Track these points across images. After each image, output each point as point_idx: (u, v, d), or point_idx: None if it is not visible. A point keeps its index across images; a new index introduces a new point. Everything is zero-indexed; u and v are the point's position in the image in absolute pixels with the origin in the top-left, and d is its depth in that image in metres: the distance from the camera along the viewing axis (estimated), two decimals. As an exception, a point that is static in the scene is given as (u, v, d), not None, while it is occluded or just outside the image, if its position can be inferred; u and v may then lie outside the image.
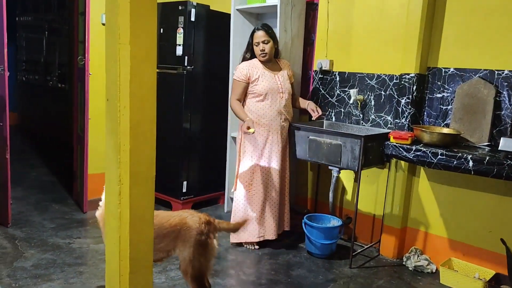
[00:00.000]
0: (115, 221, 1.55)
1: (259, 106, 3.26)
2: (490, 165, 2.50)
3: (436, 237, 3.25)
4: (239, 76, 3.24)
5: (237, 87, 3.28)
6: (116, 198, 1.53)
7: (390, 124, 3.39)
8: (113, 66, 1.47)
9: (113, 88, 1.49)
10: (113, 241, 1.57)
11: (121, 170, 1.50)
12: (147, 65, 1.51)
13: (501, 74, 2.89)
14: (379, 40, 3.41)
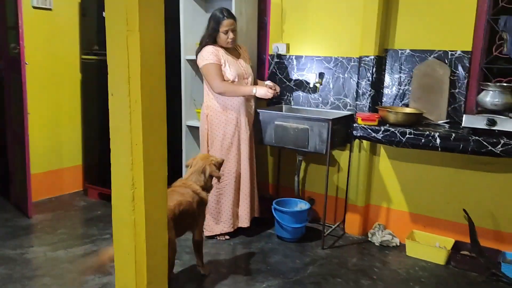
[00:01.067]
0: (129, 229, 1.40)
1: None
2: (456, 141, 2.66)
3: (397, 212, 3.42)
4: (212, 58, 3.08)
5: (216, 70, 3.08)
6: (129, 204, 1.38)
7: (350, 106, 3.46)
8: (120, 56, 1.30)
9: (120, 81, 1.32)
10: (127, 251, 1.43)
11: (134, 172, 1.36)
12: (157, 54, 1.36)
13: (454, 54, 3.06)
14: (336, 24, 3.44)
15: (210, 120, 3.16)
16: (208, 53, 3.08)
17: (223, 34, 3.11)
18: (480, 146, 2.59)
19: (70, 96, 4.16)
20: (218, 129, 3.17)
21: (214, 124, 3.17)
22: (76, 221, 3.65)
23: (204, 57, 3.08)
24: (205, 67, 3.07)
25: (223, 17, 3.09)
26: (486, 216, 3.06)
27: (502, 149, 2.53)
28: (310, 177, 3.78)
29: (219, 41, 3.13)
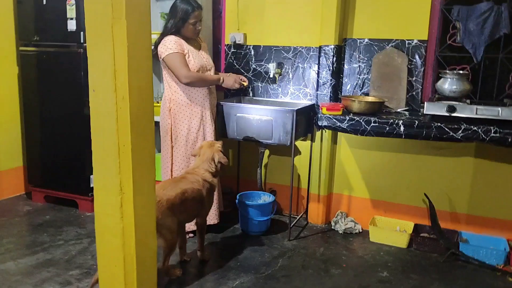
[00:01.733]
0: (117, 239, 1.27)
1: None
2: (419, 128, 2.73)
3: (359, 199, 3.48)
4: (176, 48, 2.90)
5: (181, 59, 2.91)
6: (116, 212, 1.25)
7: (310, 96, 3.45)
8: (104, 47, 1.16)
9: (104, 76, 1.18)
10: (115, 262, 1.29)
11: (122, 176, 1.22)
12: (144, 44, 1.23)
13: (411, 43, 3.14)
14: (294, 13, 3.40)
15: (173, 114, 3.00)
16: (171, 42, 2.91)
17: (191, 25, 2.96)
18: (442, 133, 2.68)
19: (6, 92, 3.80)
20: (182, 123, 3.02)
21: (178, 118, 3.01)
22: (22, 228, 3.34)
23: (167, 46, 2.90)
24: (169, 56, 2.89)
25: (193, 8, 2.94)
26: (443, 199, 3.19)
27: (462, 135, 2.64)
28: (271, 169, 3.75)
29: (184, 32, 2.97)
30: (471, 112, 2.67)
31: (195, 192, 2.61)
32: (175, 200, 2.49)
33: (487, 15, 2.94)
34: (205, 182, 2.70)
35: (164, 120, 3.06)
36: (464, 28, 3.00)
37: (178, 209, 2.50)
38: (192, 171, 2.74)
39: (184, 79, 2.89)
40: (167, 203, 2.45)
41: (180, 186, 2.56)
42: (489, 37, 2.95)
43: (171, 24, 2.95)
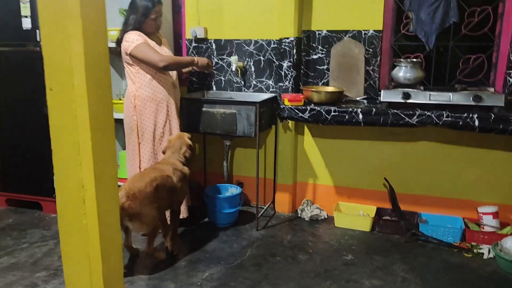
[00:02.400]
0: (81, 235, 1.28)
1: (156, 79, 2.99)
2: (377, 115, 2.83)
3: (323, 187, 3.58)
4: (140, 39, 2.87)
5: (149, 47, 2.89)
6: (79, 209, 1.26)
7: (273, 88, 3.51)
8: (60, 46, 1.17)
9: (61, 74, 1.19)
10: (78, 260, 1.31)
11: (84, 173, 1.24)
12: (101, 42, 1.24)
13: (367, 34, 3.24)
14: (254, 6, 3.44)
15: (139, 111, 2.98)
16: (135, 35, 2.88)
17: (152, 20, 2.96)
18: (398, 119, 2.79)
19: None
20: (148, 119, 3.01)
21: (144, 114, 3.00)
22: (-16, 232, 3.26)
23: (132, 39, 2.87)
24: (138, 47, 2.85)
25: (154, 2, 2.93)
26: (403, 182, 3.33)
27: (417, 120, 2.76)
28: (237, 161, 3.79)
29: (145, 27, 2.95)
30: (425, 98, 2.80)
31: (165, 179, 2.71)
32: (146, 188, 2.57)
33: (437, 5, 3.07)
34: (175, 170, 2.80)
35: (129, 117, 3.03)
36: (417, 17, 3.13)
37: (152, 196, 2.58)
38: (162, 161, 2.86)
39: (160, 63, 2.86)
40: (139, 194, 2.54)
41: (149, 176, 2.65)
42: (440, 26, 3.09)
43: (131, 20, 2.93)
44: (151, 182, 2.61)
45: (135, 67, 2.96)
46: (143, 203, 2.54)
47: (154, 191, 2.60)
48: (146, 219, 2.57)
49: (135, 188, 2.54)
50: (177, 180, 2.79)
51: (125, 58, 2.96)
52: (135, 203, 2.49)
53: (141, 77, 2.96)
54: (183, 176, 2.86)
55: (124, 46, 2.90)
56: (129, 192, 2.51)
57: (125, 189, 2.53)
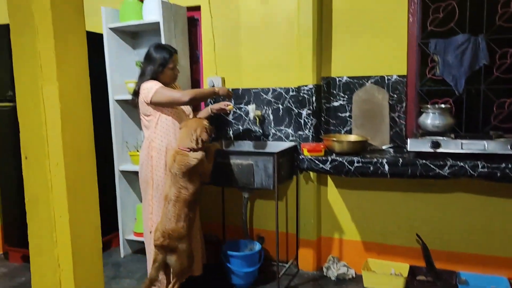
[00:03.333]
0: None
1: (174, 129, 2.90)
2: (404, 166, 2.61)
3: (350, 242, 3.32)
4: (157, 84, 2.81)
5: (168, 89, 2.85)
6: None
7: (292, 136, 3.36)
8: (34, 111, 1.05)
9: (35, 141, 1.07)
10: None
11: (60, 251, 1.09)
12: (82, 106, 1.12)
13: (390, 79, 3.07)
14: (270, 55, 3.37)
15: (155, 162, 2.87)
16: (151, 83, 2.83)
17: (170, 70, 2.92)
18: (428, 170, 2.56)
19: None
20: (162, 171, 2.88)
21: (159, 166, 2.88)
22: (-5, 292, 3.15)
23: (149, 87, 2.80)
24: (157, 92, 2.77)
25: (171, 53, 2.91)
26: (437, 238, 3.03)
27: (449, 171, 2.52)
28: (257, 214, 3.60)
29: (162, 78, 2.89)
30: (456, 147, 2.57)
31: (186, 193, 2.69)
32: (177, 224, 2.64)
33: (464, 47, 2.89)
34: (190, 173, 2.70)
35: (145, 168, 2.89)
36: (443, 61, 2.95)
37: (184, 223, 2.67)
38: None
39: (184, 97, 2.78)
40: (173, 232, 2.63)
41: (172, 211, 2.66)
42: (469, 69, 2.90)
43: (149, 71, 2.88)
44: (179, 213, 2.67)
45: (152, 117, 2.87)
46: (179, 239, 2.65)
47: (184, 218, 2.67)
48: (184, 254, 2.68)
49: (166, 230, 2.63)
50: (195, 179, 2.74)
51: (143, 109, 2.88)
52: (172, 241, 2.63)
53: (158, 127, 2.86)
54: (200, 163, 2.74)
55: (143, 96, 2.83)
56: (164, 234, 2.63)
57: (159, 230, 2.66)
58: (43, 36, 0.98)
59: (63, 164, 1.07)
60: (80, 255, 1.13)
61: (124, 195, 3.67)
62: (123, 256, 3.67)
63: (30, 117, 1.07)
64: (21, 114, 1.10)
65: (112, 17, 3.52)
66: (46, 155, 1.06)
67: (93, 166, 1.17)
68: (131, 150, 3.64)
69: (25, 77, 1.07)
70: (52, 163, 1.06)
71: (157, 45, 2.96)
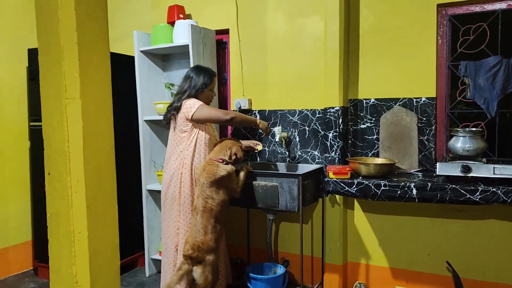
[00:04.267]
0: None
1: (206, 149, 2.98)
2: (433, 191, 2.53)
3: (377, 268, 3.22)
4: (200, 102, 2.91)
5: (210, 107, 3.00)
6: (71, 308, 1.11)
7: (318, 159, 3.33)
8: (57, 128, 1.09)
9: (58, 157, 1.10)
10: None
11: (77, 267, 1.10)
12: (103, 124, 1.16)
13: (419, 102, 3.02)
14: (297, 77, 3.38)
15: (183, 179, 2.92)
16: (194, 100, 2.92)
17: (210, 91, 3.05)
18: (458, 195, 2.47)
19: (18, 166, 3.83)
20: (189, 187, 2.93)
21: (187, 183, 2.93)
22: (23, 308, 3.21)
23: (192, 104, 2.89)
24: (200, 108, 2.87)
25: (212, 75, 3.05)
26: (470, 266, 2.90)
27: (480, 197, 2.42)
28: (282, 237, 3.56)
29: (200, 98, 2.98)
30: (488, 171, 2.47)
31: (212, 203, 2.74)
32: (206, 236, 2.69)
33: (496, 69, 2.81)
34: (218, 183, 2.75)
35: (174, 185, 2.94)
36: (474, 83, 2.88)
37: (212, 235, 2.72)
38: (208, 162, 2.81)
39: (226, 116, 2.91)
40: (203, 245, 2.67)
41: (200, 221, 2.71)
42: (502, 92, 2.81)
43: (189, 91, 2.97)
44: (206, 223, 2.71)
45: (187, 134, 2.93)
46: (207, 252, 2.69)
47: (212, 229, 2.72)
48: (212, 266, 2.71)
49: (198, 241, 2.67)
50: (223, 189, 2.79)
51: (181, 125, 2.94)
52: (201, 253, 2.67)
53: (191, 145, 2.93)
54: (229, 177, 2.81)
55: (184, 112, 2.90)
56: (194, 246, 2.66)
57: (189, 242, 2.69)
58: (68, 57, 1.02)
59: (83, 181, 1.09)
60: (98, 273, 1.14)
61: (151, 215, 3.70)
62: (148, 276, 3.69)
63: (54, 134, 1.11)
64: (45, 131, 1.14)
65: (144, 40, 3.64)
66: (67, 172, 1.09)
67: (113, 183, 1.19)
68: (158, 170, 3.69)
69: (50, 95, 1.11)
70: (73, 179, 1.09)
71: (199, 67, 3.09)
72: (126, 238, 3.76)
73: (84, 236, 1.10)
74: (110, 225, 1.17)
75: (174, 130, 3.00)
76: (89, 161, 1.10)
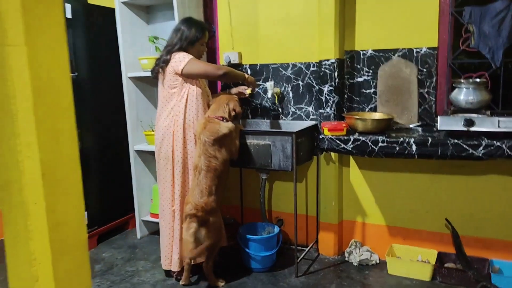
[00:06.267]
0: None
1: (198, 105, 2.81)
2: (434, 146, 2.40)
3: (374, 226, 3.15)
4: (190, 56, 2.73)
5: (201, 61, 2.85)
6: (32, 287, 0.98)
7: (313, 115, 3.17)
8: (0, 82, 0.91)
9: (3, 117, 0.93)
10: None
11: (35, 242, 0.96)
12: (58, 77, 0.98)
13: (419, 52, 2.83)
14: (290, 27, 3.16)
15: (176, 137, 2.77)
16: (184, 54, 2.74)
17: (201, 45, 2.87)
18: (460, 150, 2.34)
19: None
20: (182, 146, 2.78)
21: (179, 141, 2.78)
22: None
23: (182, 57, 2.71)
24: (190, 62, 2.70)
25: (204, 29, 2.85)
26: (469, 223, 2.82)
27: (484, 152, 2.30)
28: (276, 196, 3.45)
29: (191, 52, 2.80)
30: (492, 125, 2.33)
31: (216, 162, 2.63)
32: (209, 197, 2.60)
33: (503, 15, 2.61)
34: (220, 142, 2.65)
35: (166, 144, 2.79)
36: (479, 31, 2.68)
37: (215, 196, 2.63)
38: (207, 119, 2.69)
39: (218, 71, 2.76)
40: (206, 205, 2.58)
41: (204, 182, 2.60)
42: (508, 39, 2.62)
43: (179, 44, 2.77)
44: (211, 183, 2.61)
45: (177, 90, 2.76)
46: (211, 213, 2.61)
47: (215, 189, 2.63)
48: (214, 226, 2.65)
49: (201, 202, 2.59)
50: (225, 148, 2.69)
51: (170, 80, 2.75)
52: (205, 214, 2.58)
53: (182, 101, 2.76)
54: (230, 135, 2.72)
55: (173, 65, 2.72)
56: (198, 206, 2.57)
57: (191, 202, 2.60)
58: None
59: (36, 144, 0.93)
60: (60, 248, 1.00)
61: (140, 176, 3.58)
62: (139, 237, 3.61)
63: (-3, 91, 0.93)
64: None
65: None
66: (16, 134, 0.92)
67: (74, 146, 1.03)
68: (146, 130, 3.53)
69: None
70: (23, 142, 0.92)
71: (190, 19, 2.89)
72: (115, 200, 3.68)
73: (41, 207, 0.95)
74: (72, 194, 1.01)
75: (163, 85, 2.82)
76: (42, 120, 0.93)
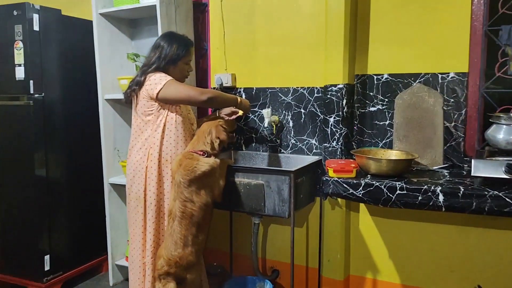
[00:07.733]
0: None
1: (178, 136, 2.36)
2: (467, 198, 1.89)
3: (386, 284, 2.62)
4: (168, 77, 2.27)
5: (181, 83, 2.35)
6: None
7: (316, 149, 2.70)
8: None
9: None
10: None
11: None
12: None
13: (446, 78, 2.36)
14: (291, 46, 2.72)
15: (149, 174, 2.30)
16: (161, 75, 2.28)
17: (185, 64, 2.42)
18: (501, 205, 1.83)
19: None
20: (153, 186, 2.32)
21: (154, 181, 2.31)
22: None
23: (157, 79, 2.25)
24: (168, 85, 2.23)
25: (188, 45, 2.41)
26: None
27: (533, 207, 1.79)
28: (271, 242, 2.95)
29: (172, 73, 2.35)
30: (543, 173, 1.83)
31: (192, 208, 2.17)
32: (185, 249, 2.15)
33: (550, 37, 2.15)
34: (198, 182, 2.18)
35: (138, 182, 2.33)
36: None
37: (193, 248, 2.19)
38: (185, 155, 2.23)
39: (203, 96, 2.24)
40: (181, 260, 2.14)
41: (178, 231, 2.15)
42: (556, 66, 2.15)
43: (158, 63, 2.33)
44: (186, 234, 2.16)
45: (153, 118, 2.30)
46: (187, 268, 2.17)
47: (192, 240, 2.19)
48: (193, 286, 2.22)
49: (175, 256, 2.14)
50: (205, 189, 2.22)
51: (145, 106, 2.30)
52: (180, 270, 2.15)
53: (159, 131, 2.30)
54: (212, 171, 2.23)
55: (148, 88, 2.26)
56: (170, 261, 2.13)
57: (163, 256, 2.15)
58: None
59: None
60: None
61: (115, 213, 3.10)
62: (112, 285, 3.11)
63: None
64: None
65: (105, 1, 2.96)
66: None
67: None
68: (123, 160, 3.07)
69: None
70: None
71: (171, 34, 2.45)
72: (87, 240, 3.19)
73: None
74: None
75: (137, 112, 2.36)
76: None
